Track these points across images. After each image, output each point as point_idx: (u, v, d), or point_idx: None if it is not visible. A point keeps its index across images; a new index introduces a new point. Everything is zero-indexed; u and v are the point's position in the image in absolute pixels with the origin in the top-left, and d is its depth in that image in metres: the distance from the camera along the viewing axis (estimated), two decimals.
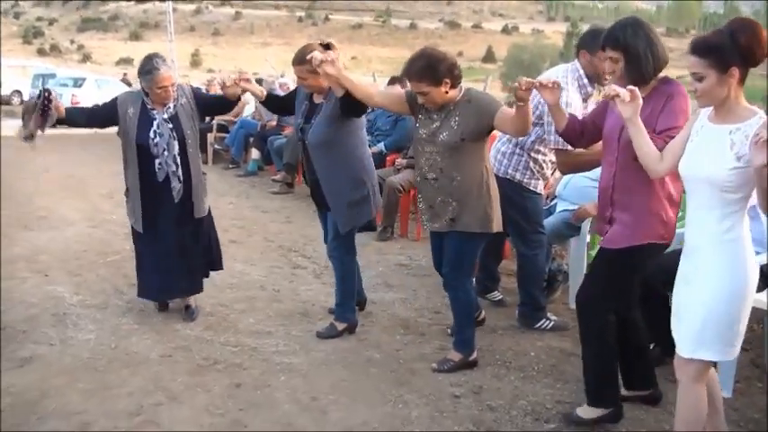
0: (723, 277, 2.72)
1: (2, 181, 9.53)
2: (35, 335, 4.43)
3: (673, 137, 2.98)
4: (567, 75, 4.34)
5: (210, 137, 12.14)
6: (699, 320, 2.77)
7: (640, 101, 2.97)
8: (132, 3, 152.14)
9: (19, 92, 30.95)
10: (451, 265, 4.02)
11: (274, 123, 10.51)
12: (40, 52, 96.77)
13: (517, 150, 4.55)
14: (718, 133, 2.72)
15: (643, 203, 3.26)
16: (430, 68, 3.77)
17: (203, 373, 3.93)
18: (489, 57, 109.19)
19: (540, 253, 4.70)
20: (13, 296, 5.11)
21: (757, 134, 2.47)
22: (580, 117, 3.71)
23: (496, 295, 5.20)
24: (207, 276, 4.97)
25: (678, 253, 3.36)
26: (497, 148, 4.66)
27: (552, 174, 4.89)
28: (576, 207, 5.06)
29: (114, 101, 4.64)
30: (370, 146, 8.01)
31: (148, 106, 4.54)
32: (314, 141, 4.31)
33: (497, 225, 3.96)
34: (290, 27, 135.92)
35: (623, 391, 3.63)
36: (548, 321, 4.71)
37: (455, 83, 3.84)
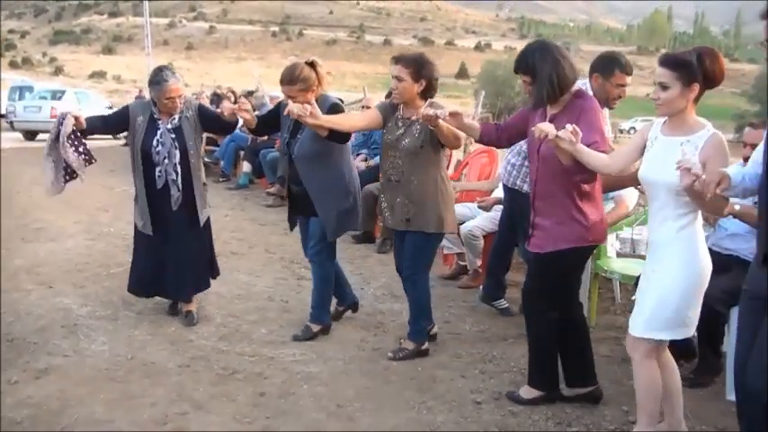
0: (678, 267, 3.09)
1: None
2: (48, 346, 4.41)
3: (600, 150, 3.32)
4: None
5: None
6: (653, 304, 3.13)
7: (580, 134, 3.20)
8: (105, 16, 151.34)
9: None
10: (410, 262, 4.37)
11: (266, 138, 10.52)
12: (12, 65, 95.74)
13: (526, 163, 4.66)
14: (671, 144, 3.08)
15: (561, 211, 3.55)
16: (417, 63, 4.16)
17: (225, 383, 3.95)
18: (463, 73, 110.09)
19: None
20: (19, 308, 5.09)
21: (680, 163, 2.78)
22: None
23: (503, 303, 5.28)
24: (200, 289, 5.10)
25: (735, 275, 3.53)
26: (508, 160, 4.80)
27: None
28: None
29: (126, 108, 4.91)
30: (366, 159, 8.12)
31: (155, 116, 4.74)
32: (300, 155, 4.47)
33: (450, 226, 4.37)
34: (265, 42, 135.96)
35: (565, 391, 3.89)
36: None
37: (427, 90, 4.21)
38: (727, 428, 3.57)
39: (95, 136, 4.90)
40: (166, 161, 4.71)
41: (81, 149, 4.52)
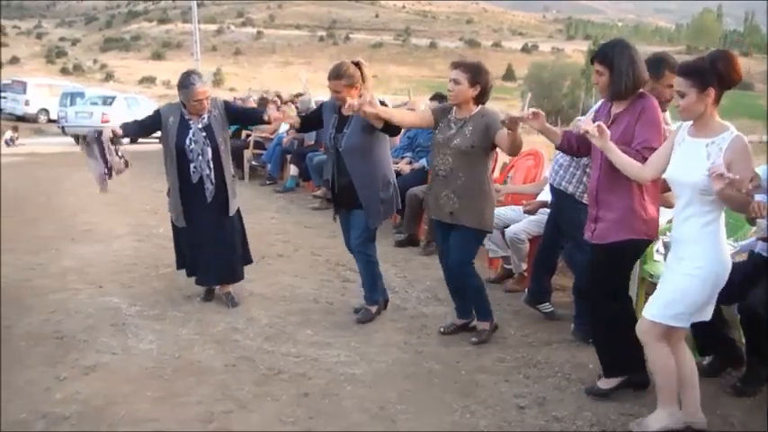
0: (700, 263, 3.25)
1: (44, 196, 9.71)
2: (96, 344, 4.50)
3: (648, 150, 3.54)
4: None
5: (247, 153, 12.24)
6: (672, 294, 3.32)
7: (608, 132, 3.48)
8: (154, 23, 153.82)
9: (46, 110, 31.28)
10: (456, 257, 4.63)
11: (312, 142, 10.60)
12: (63, 71, 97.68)
13: (573, 164, 4.63)
14: (696, 146, 3.26)
15: (625, 203, 3.70)
16: (475, 69, 4.48)
17: (269, 383, 3.98)
18: (509, 75, 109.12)
19: None
20: (68, 307, 5.20)
21: (712, 170, 2.98)
22: None
23: (548, 307, 5.21)
24: (235, 277, 5.42)
25: None
26: (556, 160, 4.77)
27: None
28: None
29: (158, 112, 5.30)
30: (411, 162, 8.13)
31: (186, 116, 5.09)
32: (348, 148, 4.78)
33: (491, 225, 4.65)
34: (311, 47, 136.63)
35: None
36: None
37: (481, 96, 4.50)
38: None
39: (144, 139, 5.20)
40: (200, 158, 5.08)
41: (119, 153, 5.00)
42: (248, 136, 12.26)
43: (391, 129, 4.64)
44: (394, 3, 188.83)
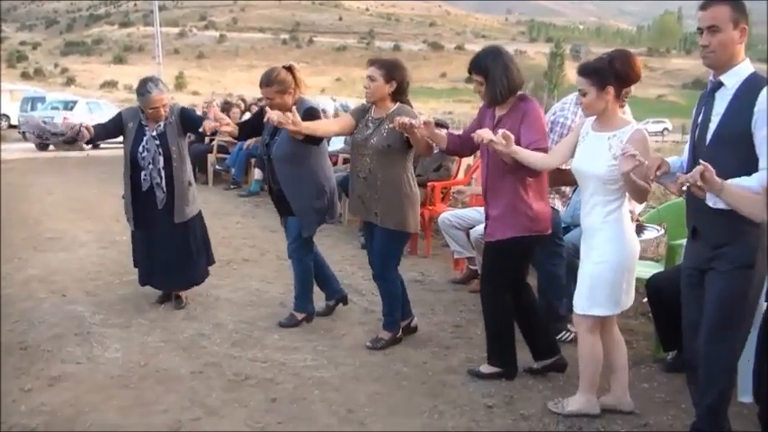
0: (608, 249, 3.47)
1: (7, 205, 9.56)
2: (61, 354, 4.44)
3: (538, 150, 3.71)
4: (574, 101, 4.54)
5: (211, 157, 12.18)
6: (589, 285, 3.52)
7: (512, 138, 3.60)
8: (116, 27, 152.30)
9: (7, 116, 30.78)
10: (378, 260, 4.62)
11: None
12: (24, 76, 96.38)
13: None
14: (599, 139, 3.49)
15: (507, 201, 3.88)
16: (390, 65, 4.44)
17: (237, 389, 3.97)
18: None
19: (559, 263, 4.78)
20: (33, 316, 5.13)
21: (625, 150, 3.16)
22: None
23: None
24: (189, 286, 5.44)
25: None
26: None
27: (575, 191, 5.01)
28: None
29: (120, 115, 5.32)
30: None
31: (143, 123, 5.09)
32: (278, 155, 4.76)
33: (413, 227, 4.57)
34: (275, 50, 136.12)
35: (534, 365, 4.24)
36: (568, 333, 4.76)
37: (398, 93, 4.46)
38: (739, 431, 3.56)
39: (112, 144, 5.21)
40: (151, 166, 5.08)
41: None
42: (212, 140, 12.21)
43: (313, 138, 4.54)
44: (358, 5, 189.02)
